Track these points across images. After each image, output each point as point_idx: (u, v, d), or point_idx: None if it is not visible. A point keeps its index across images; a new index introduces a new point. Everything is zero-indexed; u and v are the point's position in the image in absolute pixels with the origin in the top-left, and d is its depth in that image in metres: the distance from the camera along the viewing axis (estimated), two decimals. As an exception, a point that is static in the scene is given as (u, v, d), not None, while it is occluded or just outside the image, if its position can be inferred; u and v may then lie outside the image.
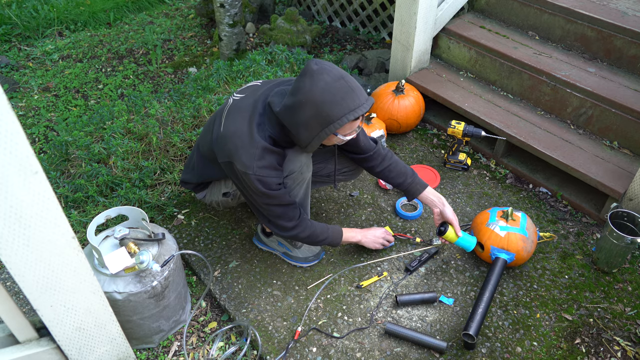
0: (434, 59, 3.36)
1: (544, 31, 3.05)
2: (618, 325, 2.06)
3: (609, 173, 2.45)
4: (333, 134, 1.74)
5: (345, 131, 1.76)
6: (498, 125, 2.77)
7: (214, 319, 2.16)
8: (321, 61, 1.69)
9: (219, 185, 2.21)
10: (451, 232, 2.13)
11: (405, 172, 2.21)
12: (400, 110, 2.94)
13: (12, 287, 2.27)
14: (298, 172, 1.95)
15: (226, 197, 2.23)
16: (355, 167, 2.30)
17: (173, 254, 1.90)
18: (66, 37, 4.60)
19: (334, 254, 2.34)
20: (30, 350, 1.60)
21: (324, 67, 1.67)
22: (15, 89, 3.83)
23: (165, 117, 3.03)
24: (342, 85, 1.66)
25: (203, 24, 4.75)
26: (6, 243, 1.26)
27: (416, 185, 2.20)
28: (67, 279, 1.44)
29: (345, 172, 2.31)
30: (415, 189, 2.20)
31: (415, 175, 2.22)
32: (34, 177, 1.21)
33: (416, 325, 2.06)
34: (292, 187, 1.99)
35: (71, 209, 2.60)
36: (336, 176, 2.31)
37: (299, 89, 1.69)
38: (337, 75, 1.67)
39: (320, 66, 1.67)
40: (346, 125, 1.72)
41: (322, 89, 1.65)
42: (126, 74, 4.02)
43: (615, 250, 2.16)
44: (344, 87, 1.67)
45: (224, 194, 2.22)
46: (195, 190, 2.30)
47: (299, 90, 1.69)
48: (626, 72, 2.75)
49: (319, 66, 1.67)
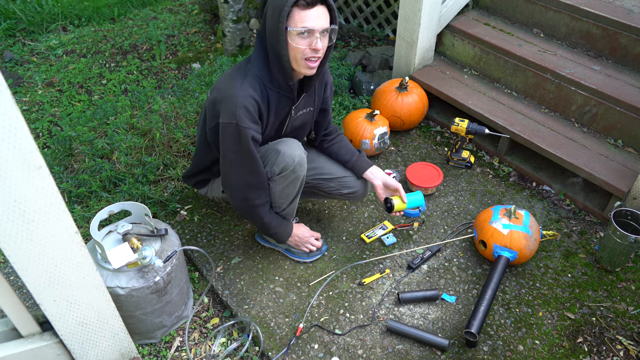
0: (438, 56, 3.35)
1: (549, 28, 3.04)
2: (621, 324, 2.06)
3: (613, 171, 2.44)
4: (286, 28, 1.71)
5: (298, 22, 1.71)
6: (502, 122, 2.76)
7: (216, 315, 2.16)
8: None
9: (219, 182, 2.21)
10: (398, 203, 2.11)
11: (353, 151, 2.24)
12: (403, 108, 2.94)
13: (15, 282, 2.28)
14: (291, 171, 1.94)
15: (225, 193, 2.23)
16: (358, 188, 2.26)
17: (176, 249, 1.90)
18: (70, 32, 4.60)
19: (336, 251, 2.34)
20: (33, 345, 1.61)
21: None
22: (19, 83, 3.84)
23: (169, 113, 3.03)
24: None
25: (207, 20, 4.74)
26: (10, 237, 1.27)
27: (362, 163, 2.21)
28: (70, 274, 1.44)
29: (347, 195, 2.27)
30: (362, 166, 2.20)
31: (363, 154, 2.24)
32: (37, 172, 1.21)
33: (418, 323, 2.06)
34: (284, 185, 1.99)
35: (74, 204, 2.60)
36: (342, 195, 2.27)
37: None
38: None
39: None
40: (297, 13, 1.69)
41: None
42: (130, 70, 4.02)
43: (618, 249, 2.15)
44: None
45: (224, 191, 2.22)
46: (196, 186, 2.31)
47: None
48: (631, 70, 2.74)
49: None
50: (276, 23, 1.70)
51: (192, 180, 2.30)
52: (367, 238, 2.39)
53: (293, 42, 1.74)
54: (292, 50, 1.76)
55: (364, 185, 2.26)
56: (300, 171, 1.98)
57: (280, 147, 1.93)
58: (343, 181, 2.21)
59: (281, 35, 1.72)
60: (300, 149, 1.96)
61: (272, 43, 1.76)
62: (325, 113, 2.21)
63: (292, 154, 1.93)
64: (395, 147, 2.99)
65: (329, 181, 2.21)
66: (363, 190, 2.26)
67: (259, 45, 1.84)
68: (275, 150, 1.94)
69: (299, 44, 1.74)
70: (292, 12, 1.69)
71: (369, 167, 2.20)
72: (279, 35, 1.72)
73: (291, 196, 2.06)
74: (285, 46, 1.74)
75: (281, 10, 1.68)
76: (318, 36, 1.73)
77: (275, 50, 1.77)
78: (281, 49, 1.75)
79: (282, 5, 1.67)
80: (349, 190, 2.23)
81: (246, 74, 1.83)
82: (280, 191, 2.02)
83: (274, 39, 1.74)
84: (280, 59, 1.77)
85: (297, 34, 1.72)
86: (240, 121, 1.77)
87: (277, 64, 1.80)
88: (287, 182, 1.99)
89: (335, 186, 2.22)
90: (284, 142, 1.95)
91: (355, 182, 2.22)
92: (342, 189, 2.22)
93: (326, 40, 1.79)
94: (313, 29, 1.72)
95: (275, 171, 1.95)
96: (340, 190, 2.23)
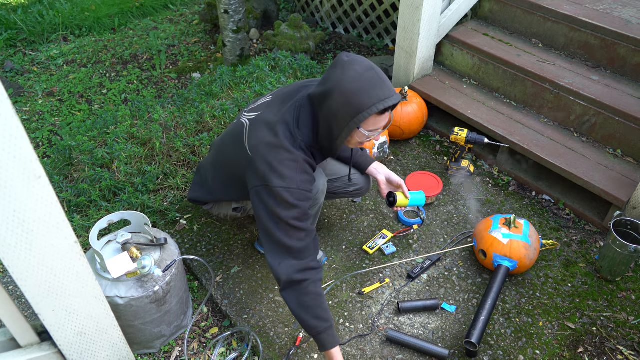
0: (437, 66, 3.37)
1: (548, 39, 3.05)
2: (621, 334, 2.05)
3: (612, 181, 2.44)
4: (358, 127, 1.69)
5: (370, 126, 1.70)
6: (501, 132, 2.77)
7: (215, 325, 2.15)
8: (352, 54, 1.69)
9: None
10: (401, 198, 2.12)
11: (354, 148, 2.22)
12: (403, 117, 2.95)
13: (14, 291, 2.27)
14: (314, 199, 1.91)
15: (236, 212, 2.20)
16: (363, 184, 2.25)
17: (175, 259, 1.90)
18: (71, 42, 4.63)
19: (335, 260, 2.34)
20: (32, 355, 1.60)
21: (354, 59, 1.67)
22: (20, 93, 3.85)
23: (169, 123, 3.03)
24: (372, 75, 1.64)
25: (207, 30, 4.77)
26: (9, 247, 1.26)
27: (365, 159, 2.21)
28: (69, 284, 1.44)
29: (353, 192, 2.27)
30: (365, 162, 2.20)
31: (365, 152, 2.23)
32: (37, 182, 1.21)
33: (418, 333, 2.05)
34: None
35: (74, 214, 2.60)
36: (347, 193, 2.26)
37: (329, 78, 1.68)
38: (367, 66, 1.65)
39: (351, 58, 1.67)
40: (373, 118, 1.67)
41: (353, 77, 1.63)
42: (130, 79, 4.03)
43: (618, 258, 2.15)
44: (374, 77, 1.64)
45: (235, 209, 2.19)
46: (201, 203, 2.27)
47: (329, 79, 1.67)
48: (630, 80, 2.75)
49: (350, 58, 1.67)
50: (347, 119, 1.66)
51: (201, 202, 2.24)
52: (370, 249, 2.38)
53: (357, 136, 1.74)
54: (351, 137, 1.76)
55: (367, 181, 2.27)
56: (321, 199, 1.99)
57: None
58: (347, 180, 2.20)
59: (349, 130, 1.68)
60: (323, 178, 1.97)
61: (331, 124, 1.71)
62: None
63: (317, 183, 1.93)
64: (395, 157, 2.99)
65: (334, 182, 2.20)
66: (367, 185, 2.27)
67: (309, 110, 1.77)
68: None
69: (362, 139, 1.75)
70: (370, 118, 1.67)
71: (372, 162, 2.21)
72: (345, 128, 1.68)
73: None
74: (347, 134, 1.71)
75: (359, 113, 1.63)
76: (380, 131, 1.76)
77: (331, 131, 1.72)
78: (341, 136, 1.71)
79: (361, 108, 1.63)
80: (354, 188, 2.23)
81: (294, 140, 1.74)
82: None
83: (336, 125, 1.69)
84: (335, 140, 1.74)
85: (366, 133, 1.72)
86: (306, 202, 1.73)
87: (328, 141, 1.77)
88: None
89: (341, 185, 2.21)
90: None
91: (360, 178, 2.23)
92: (348, 187, 2.22)
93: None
94: (380, 129, 1.74)
95: None
96: (346, 188, 2.22)
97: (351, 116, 1.65)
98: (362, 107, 1.63)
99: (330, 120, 1.70)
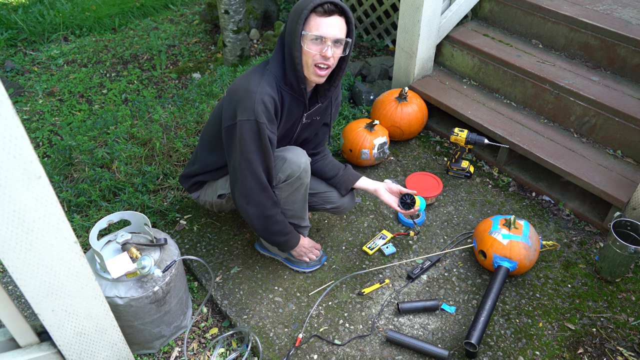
0: (438, 67, 3.37)
1: (548, 39, 3.05)
2: (621, 335, 2.05)
3: (612, 182, 2.44)
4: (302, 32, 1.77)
5: (313, 28, 1.76)
6: (501, 133, 2.77)
7: (215, 325, 2.15)
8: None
9: (215, 186, 2.21)
10: (417, 200, 2.14)
11: (338, 167, 2.26)
12: (403, 118, 2.95)
13: (13, 291, 2.27)
14: (297, 177, 1.96)
15: (221, 198, 2.21)
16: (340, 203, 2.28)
17: (175, 259, 1.90)
18: (71, 42, 4.63)
19: (335, 261, 2.34)
20: (31, 355, 1.60)
21: None
22: (20, 93, 3.85)
23: (169, 123, 3.03)
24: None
25: (207, 30, 4.77)
26: (8, 247, 1.26)
27: (349, 177, 2.23)
28: (69, 284, 1.44)
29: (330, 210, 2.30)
30: (349, 180, 2.22)
31: (349, 168, 2.27)
32: (37, 182, 1.21)
33: (418, 333, 2.05)
34: (290, 192, 1.99)
35: (74, 214, 2.60)
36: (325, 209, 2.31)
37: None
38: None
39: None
40: (314, 18, 1.75)
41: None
42: (130, 79, 4.03)
43: (618, 259, 2.15)
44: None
45: (219, 196, 2.21)
46: (190, 189, 2.29)
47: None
48: (629, 81, 2.75)
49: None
50: (294, 25, 1.77)
51: (190, 181, 2.28)
52: (370, 250, 2.38)
53: (306, 46, 1.79)
54: (304, 54, 1.81)
55: (351, 198, 2.30)
56: (305, 178, 2.00)
57: (286, 154, 1.96)
58: (325, 196, 2.25)
59: (297, 38, 1.77)
60: (305, 157, 1.99)
61: (289, 45, 1.82)
62: (326, 128, 2.24)
63: (298, 161, 1.95)
64: (395, 157, 2.99)
65: (312, 196, 2.25)
66: (348, 203, 2.30)
67: (279, 47, 1.90)
68: (281, 158, 1.96)
69: (311, 48, 1.79)
70: (310, 18, 1.76)
71: (358, 178, 2.23)
72: (295, 37, 1.78)
73: (296, 203, 2.06)
74: (299, 49, 1.79)
75: (300, 14, 1.75)
76: (330, 44, 1.78)
77: (290, 51, 1.82)
78: (295, 51, 1.80)
79: (302, 9, 1.75)
80: (331, 206, 2.27)
81: (263, 73, 1.87)
82: (285, 198, 2.03)
83: (291, 40, 1.80)
84: (294, 61, 1.82)
85: (311, 39, 1.77)
86: (258, 117, 1.80)
87: (291, 66, 1.84)
88: (292, 189, 2.00)
89: (318, 201, 2.26)
90: (290, 150, 1.98)
91: (338, 197, 2.26)
92: (325, 204, 2.27)
93: (339, 51, 1.83)
94: (326, 37, 1.77)
95: (281, 178, 1.96)
96: (323, 205, 2.27)
97: (295, 21, 1.76)
98: (302, 7, 1.76)
99: (286, 39, 1.83)
